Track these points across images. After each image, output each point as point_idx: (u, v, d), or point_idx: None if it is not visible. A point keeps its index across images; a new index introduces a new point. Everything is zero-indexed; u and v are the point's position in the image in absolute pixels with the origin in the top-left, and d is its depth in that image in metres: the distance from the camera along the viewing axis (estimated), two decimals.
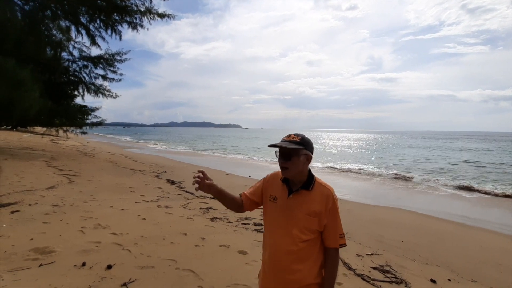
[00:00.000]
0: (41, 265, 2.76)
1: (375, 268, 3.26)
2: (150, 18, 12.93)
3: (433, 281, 3.04)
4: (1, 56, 7.92)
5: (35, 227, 3.74)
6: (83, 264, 2.82)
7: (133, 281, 2.58)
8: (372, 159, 21.60)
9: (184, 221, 4.59)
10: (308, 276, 1.34)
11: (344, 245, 1.35)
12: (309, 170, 1.41)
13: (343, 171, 14.17)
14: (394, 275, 3.11)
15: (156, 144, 33.27)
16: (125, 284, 2.50)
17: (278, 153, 1.36)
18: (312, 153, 1.38)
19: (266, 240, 1.45)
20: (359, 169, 14.45)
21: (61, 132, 15.53)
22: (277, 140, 1.38)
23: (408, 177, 11.84)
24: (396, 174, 12.57)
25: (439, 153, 27.21)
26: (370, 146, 39.76)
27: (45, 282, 2.45)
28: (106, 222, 4.20)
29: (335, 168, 15.28)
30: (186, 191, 7.15)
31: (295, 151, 1.31)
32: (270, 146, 1.36)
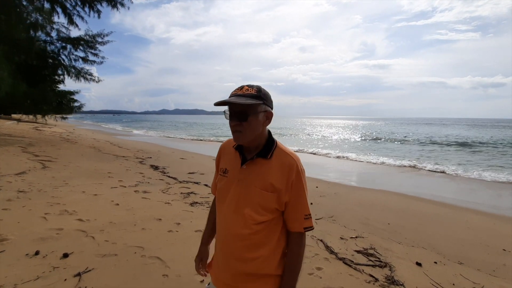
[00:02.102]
0: None
1: (358, 252, 3.07)
2: None
3: (419, 264, 2.88)
4: None
5: None
6: (36, 253, 2.53)
7: (89, 270, 2.32)
8: (365, 145, 21.60)
9: (160, 206, 4.32)
10: (265, 266, 1.07)
11: (310, 228, 1.08)
12: (269, 133, 1.12)
13: (328, 156, 14.04)
14: (378, 258, 2.93)
15: (146, 131, 32.59)
16: (79, 274, 2.24)
17: (227, 113, 1.04)
18: (272, 109, 1.08)
19: (217, 223, 1.18)
20: (347, 153, 14.37)
21: (40, 118, 14.87)
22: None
23: (396, 160, 11.81)
24: (387, 155, 12.53)
25: (427, 139, 27.42)
26: (363, 132, 39.90)
27: None
28: (74, 208, 3.89)
29: (320, 153, 15.15)
30: (169, 176, 6.85)
31: (252, 107, 0.99)
32: (217, 104, 1.01)
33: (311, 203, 5.01)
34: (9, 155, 7.71)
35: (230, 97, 1.02)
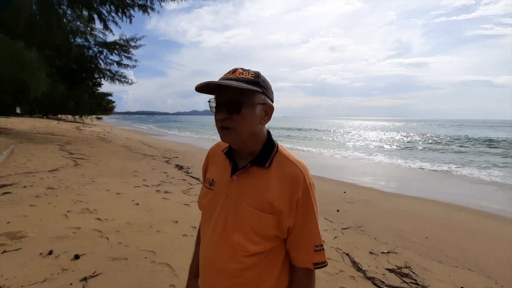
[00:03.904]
0: (4, 251, 2.49)
1: (391, 271, 2.69)
2: (161, 0, 12.53)
3: None
4: (12, 39, 7.91)
5: (18, 210, 3.53)
6: (50, 253, 2.51)
7: (96, 275, 2.23)
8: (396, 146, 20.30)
9: (179, 208, 4.23)
10: None
11: (322, 264, 0.80)
12: (268, 134, 0.86)
13: (358, 158, 13.28)
14: (415, 280, 2.54)
15: (178, 131, 33.66)
16: (85, 279, 2.15)
17: (213, 103, 0.79)
18: (273, 102, 0.82)
19: (201, 250, 0.92)
20: (382, 155, 13.50)
21: (79, 118, 15.91)
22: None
23: (437, 165, 10.82)
24: (422, 159, 11.56)
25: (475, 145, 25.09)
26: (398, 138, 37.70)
27: None
28: (95, 206, 3.93)
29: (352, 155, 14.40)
30: (192, 177, 6.82)
31: (247, 96, 0.75)
32: (199, 87, 0.76)
33: (337, 210, 4.64)
34: (47, 152, 8.22)
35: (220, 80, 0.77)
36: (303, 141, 24.72)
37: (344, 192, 5.95)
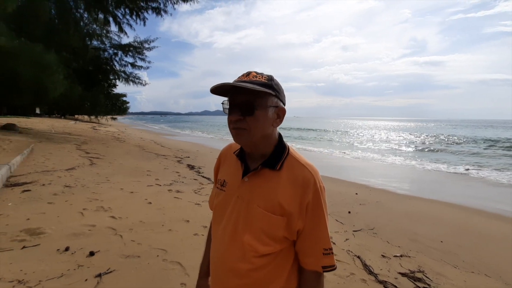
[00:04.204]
0: (24, 247, 2.60)
1: (403, 274, 2.64)
2: (174, 2, 12.74)
3: None
4: (31, 42, 8.24)
5: (37, 207, 3.67)
6: (66, 249, 2.60)
7: (110, 271, 2.29)
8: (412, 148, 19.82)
9: (190, 207, 4.29)
10: None
11: (331, 267, 0.81)
12: (280, 137, 0.87)
13: (370, 158, 13.05)
14: (428, 285, 2.48)
15: (190, 131, 34.09)
16: (99, 275, 2.22)
17: (227, 105, 0.82)
18: (284, 105, 0.84)
19: (212, 250, 0.94)
20: (397, 154, 13.22)
21: (94, 119, 16.36)
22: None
23: (454, 165, 10.50)
24: (437, 160, 11.24)
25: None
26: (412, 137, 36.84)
27: (18, 266, 2.26)
28: (110, 204, 4.04)
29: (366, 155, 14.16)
30: (203, 176, 6.90)
31: (261, 98, 0.77)
32: (215, 89, 0.78)
33: (349, 212, 4.58)
34: (65, 151, 8.50)
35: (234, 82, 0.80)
36: (313, 141, 24.53)
37: (356, 193, 5.87)
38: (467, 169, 10.33)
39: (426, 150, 18.39)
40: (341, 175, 8.12)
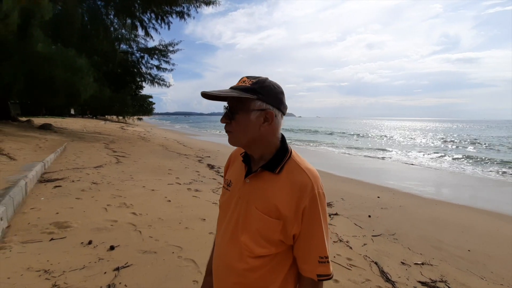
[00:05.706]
0: (52, 239, 2.78)
1: (423, 284, 2.51)
2: (197, 6, 13.05)
3: None
4: (65, 47, 8.83)
5: (66, 202, 3.92)
6: (89, 243, 2.76)
7: (128, 266, 2.39)
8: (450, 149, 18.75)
9: (207, 206, 4.37)
10: None
11: (326, 276, 0.79)
12: (282, 140, 0.87)
13: (395, 160, 12.49)
14: None
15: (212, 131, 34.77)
16: (117, 269, 2.32)
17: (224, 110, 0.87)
18: (277, 107, 0.82)
19: (215, 246, 0.98)
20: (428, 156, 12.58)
21: (121, 118, 17.16)
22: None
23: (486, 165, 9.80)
24: (470, 163, 10.54)
25: None
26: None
27: (45, 257, 2.42)
28: (132, 201, 4.22)
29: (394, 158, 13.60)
30: (222, 176, 6.99)
31: (240, 103, 0.79)
32: (204, 96, 0.81)
33: (369, 216, 4.43)
34: (94, 150, 9.00)
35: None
36: (334, 141, 23.98)
37: (378, 197, 5.66)
38: (503, 172, 9.60)
39: (458, 151, 17.33)
40: (363, 177, 7.88)
